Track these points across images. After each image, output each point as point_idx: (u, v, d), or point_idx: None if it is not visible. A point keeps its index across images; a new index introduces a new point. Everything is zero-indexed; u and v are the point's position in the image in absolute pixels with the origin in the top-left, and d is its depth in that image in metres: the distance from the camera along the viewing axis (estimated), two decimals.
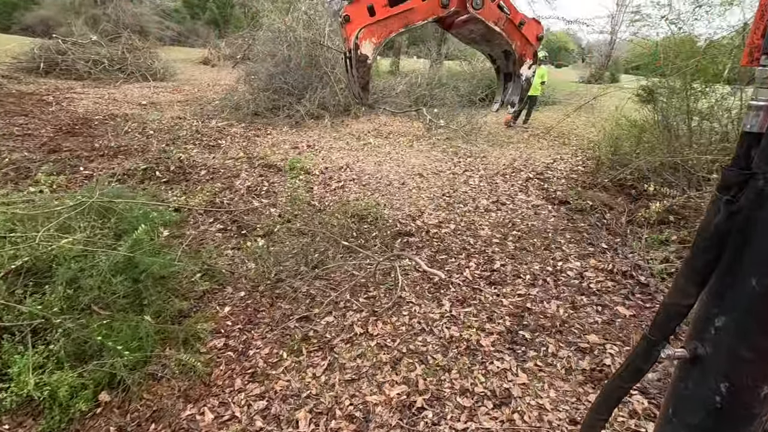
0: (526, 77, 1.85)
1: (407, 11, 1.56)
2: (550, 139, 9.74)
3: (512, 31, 1.72)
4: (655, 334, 0.89)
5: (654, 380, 2.52)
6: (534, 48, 1.79)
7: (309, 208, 4.96)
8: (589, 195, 5.50)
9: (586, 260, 3.94)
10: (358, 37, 1.54)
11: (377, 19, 1.55)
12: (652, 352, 0.90)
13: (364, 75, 1.62)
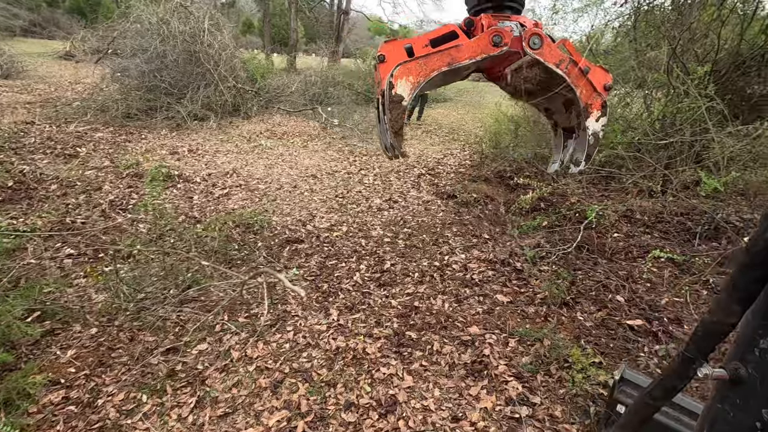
0: (593, 131, 1.50)
1: (452, 48, 1.38)
2: (441, 135, 10.18)
3: (577, 75, 1.45)
4: (693, 352, 0.84)
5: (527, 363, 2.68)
6: (602, 98, 1.49)
7: (185, 221, 4.47)
8: (473, 188, 5.80)
9: (470, 252, 4.12)
10: (393, 75, 1.35)
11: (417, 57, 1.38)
12: (688, 370, 0.85)
13: (397, 118, 1.40)
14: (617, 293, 3.41)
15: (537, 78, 1.50)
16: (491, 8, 1.46)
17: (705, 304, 3.25)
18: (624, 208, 4.90)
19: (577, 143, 1.61)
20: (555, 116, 1.74)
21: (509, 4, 1.46)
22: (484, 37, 1.38)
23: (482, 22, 1.43)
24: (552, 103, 1.66)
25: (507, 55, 1.44)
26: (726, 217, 4.67)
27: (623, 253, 4.08)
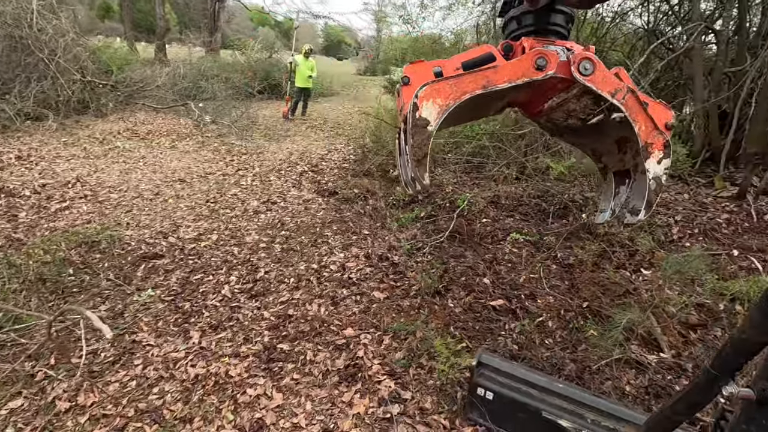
0: (655, 175, 1.24)
1: (489, 69, 1.12)
2: (327, 129, 10.03)
3: (636, 108, 1.18)
4: (717, 368, 0.80)
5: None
6: (665, 137, 1.24)
7: (2, 246, 3.64)
8: (355, 183, 5.77)
9: (349, 250, 4.06)
10: (418, 95, 1.08)
11: (447, 77, 1.12)
12: (712, 387, 0.81)
13: (421, 145, 1.12)
14: (484, 276, 3.64)
15: (585, 111, 1.26)
16: (534, 32, 1.24)
17: (555, 277, 3.64)
18: (491, 195, 5.30)
19: (634, 189, 1.33)
20: (605, 158, 1.46)
21: (554, 29, 1.23)
22: (526, 58, 1.14)
23: (524, 45, 1.21)
24: (602, 143, 1.40)
25: (551, 85, 1.21)
26: (572, 197, 5.32)
27: (490, 237, 4.39)
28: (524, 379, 2.03)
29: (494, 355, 2.27)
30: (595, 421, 1.83)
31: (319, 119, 11.21)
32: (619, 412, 1.86)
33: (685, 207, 5.31)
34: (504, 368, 2.10)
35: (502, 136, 5.95)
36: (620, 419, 1.83)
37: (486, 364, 2.14)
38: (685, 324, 3.02)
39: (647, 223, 4.72)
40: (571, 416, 1.87)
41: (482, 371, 2.12)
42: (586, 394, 1.95)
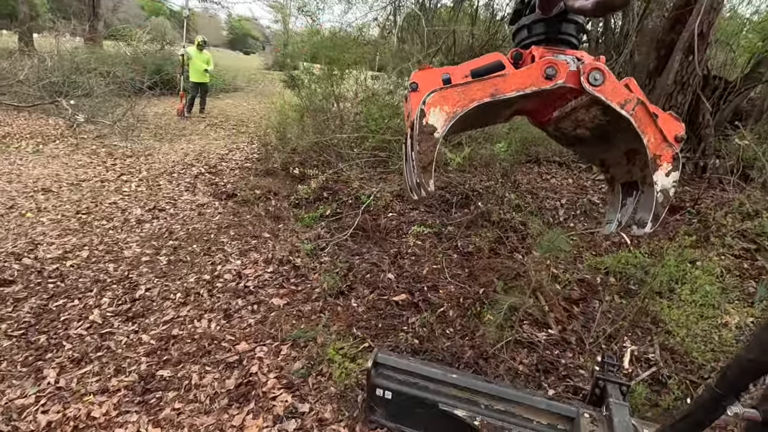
0: (663, 187, 1.20)
1: (497, 77, 1.10)
2: (228, 127, 9.39)
3: (645, 120, 1.14)
4: (722, 388, 0.78)
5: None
6: (674, 150, 1.19)
7: None
8: (257, 183, 5.43)
9: (247, 255, 3.77)
10: (425, 102, 1.07)
11: (455, 84, 1.11)
12: (717, 406, 0.79)
13: (427, 152, 1.09)
14: (388, 271, 3.61)
15: (594, 121, 1.21)
16: (544, 41, 1.20)
17: (456, 266, 3.73)
18: (398, 189, 5.32)
19: (641, 201, 1.31)
20: (612, 169, 1.43)
21: (565, 38, 1.20)
22: (536, 67, 1.12)
23: (533, 53, 1.17)
24: (610, 153, 1.38)
25: (560, 94, 1.18)
26: (472, 187, 5.55)
27: (395, 231, 4.39)
28: (420, 373, 2.01)
29: (391, 353, 2.21)
30: (488, 405, 1.87)
31: (220, 116, 10.46)
32: (509, 394, 1.90)
33: (569, 191, 5.83)
34: (401, 365, 2.05)
35: (405, 129, 6.01)
36: (510, 401, 1.88)
37: (383, 363, 2.07)
38: (569, 299, 3.27)
39: (537, 208, 5.09)
40: (466, 404, 1.90)
41: (380, 371, 2.06)
42: (479, 381, 1.99)
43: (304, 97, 6.67)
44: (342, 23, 8.09)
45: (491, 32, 8.32)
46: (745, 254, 4.01)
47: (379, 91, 6.67)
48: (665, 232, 4.42)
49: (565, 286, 3.37)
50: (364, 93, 6.66)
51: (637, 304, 3.03)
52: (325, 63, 6.98)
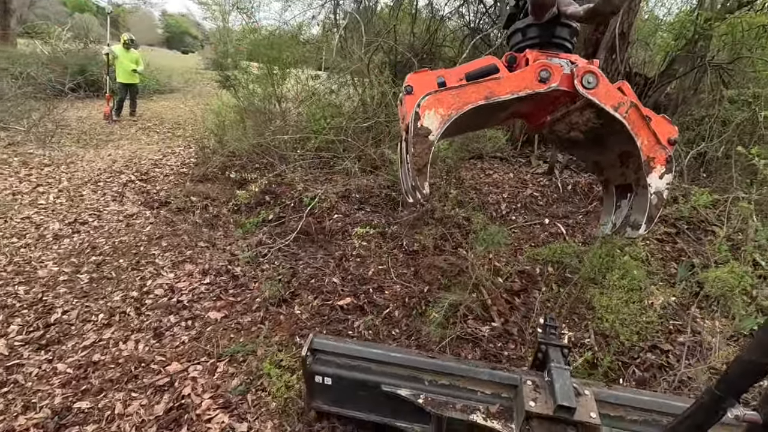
0: (657, 189, 1.19)
1: (492, 80, 1.06)
2: (163, 131, 8.83)
3: (638, 123, 1.13)
4: (723, 390, 0.79)
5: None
6: (667, 152, 1.18)
7: None
8: (194, 189, 5.13)
9: (182, 267, 3.53)
10: (420, 105, 1.05)
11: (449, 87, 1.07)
12: (717, 408, 0.80)
13: (422, 154, 1.06)
14: (333, 275, 3.53)
15: (588, 124, 1.21)
16: (538, 45, 1.21)
17: (402, 266, 3.72)
18: (343, 189, 5.24)
19: (635, 203, 1.31)
20: (606, 172, 1.41)
21: (559, 42, 1.20)
22: (530, 70, 1.11)
23: (527, 57, 1.18)
24: (604, 156, 1.37)
25: (554, 98, 1.18)
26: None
27: (341, 233, 4.31)
28: (361, 355, 1.91)
29: (328, 337, 2.06)
30: (432, 381, 1.82)
31: (153, 119, 9.82)
32: (453, 368, 1.85)
33: (511, 185, 6.03)
34: (340, 349, 1.94)
35: (349, 129, 5.93)
36: (454, 375, 1.84)
37: (320, 349, 1.94)
38: (511, 291, 3.36)
39: (481, 203, 5.22)
40: (409, 383, 1.84)
41: (318, 357, 1.94)
42: (422, 358, 1.91)
43: (242, 98, 6.39)
44: (280, 21, 7.84)
45: (431, 31, 8.43)
46: (667, 238, 4.33)
47: (320, 91, 6.54)
48: (596, 222, 4.68)
49: (507, 278, 3.46)
50: (305, 93, 6.50)
51: (572, 292, 3.16)
52: (264, 62, 6.75)
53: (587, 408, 1.56)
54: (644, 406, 1.69)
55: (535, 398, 1.59)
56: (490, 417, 1.67)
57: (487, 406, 1.71)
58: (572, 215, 4.93)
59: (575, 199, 5.74)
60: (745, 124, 4.87)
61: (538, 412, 1.54)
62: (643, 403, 1.70)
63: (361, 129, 6.13)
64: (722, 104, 5.25)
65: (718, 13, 5.88)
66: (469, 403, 1.73)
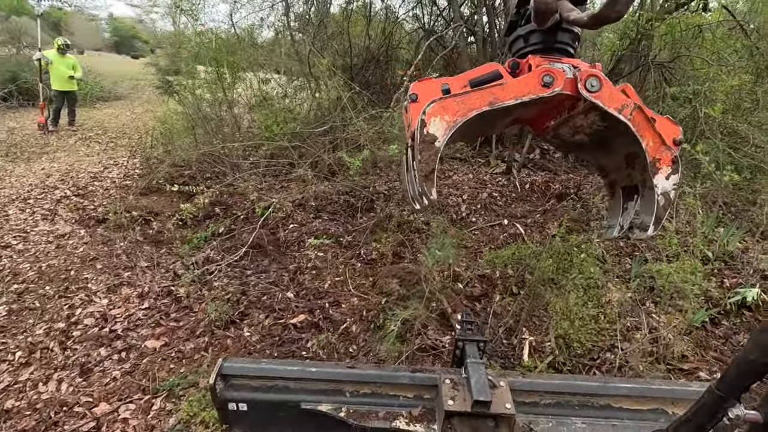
0: (663, 190, 1.21)
1: (496, 86, 1.10)
2: (105, 141, 8.27)
3: (643, 124, 1.14)
4: (723, 390, 0.79)
5: None
6: (672, 153, 1.19)
7: None
8: (137, 204, 4.77)
9: (118, 292, 3.23)
10: (425, 112, 1.09)
11: (454, 94, 1.12)
12: (718, 409, 0.80)
13: (428, 161, 1.09)
14: (287, 290, 3.33)
15: (592, 127, 1.23)
16: (540, 50, 1.22)
17: (360, 276, 3.57)
18: (299, 197, 5.03)
19: (642, 204, 1.30)
20: (612, 174, 1.42)
21: (561, 47, 1.21)
22: (533, 75, 1.13)
23: (530, 62, 1.19)
24: (610, 159, 1.38)
25: (557, 102, 1.21)
26: (377, 189, 5.46)
27: (296, 244, 4.11)
28: (277, 375, 1.75)
29: (239, 359, 1.89)
30: (353, 392, 1.73)
31: (95, 128, 9.20)
32: (373, 376, 1.73)
33: (470, 186, 6.02)
34: (253, 371, 1.77)
35: (304, 134, 5.73)
36: (375, 383, 1.72)
37: (231, 374, 1.75)
38: (471, 297, 3.28)
39: (441, 205, 5.15)
40: (331, 396, 1.73)
41: (230, 383, 1.75)
42: (341, 369, 1.77)
43: (188, 105, 6.05)
44: (228, 24, 7.50)
45: (386, 33, 8.35)
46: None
47: (272, 96, 6.29)
48: (554, 220, 4.72)
49: (467, 284, 3.38)
50: (256, 98, 6.23)
51: (529, 295, 3.12)
52: (213, 66, 6.43)
53: (502, 399, 1.59)
54: (556, 390, 1.73)
55: (454, 396, 1.59)
56: (413, 421, 1.65)
57: (409, 410, 1.67)
58: (530, 214, 4.96)
59: (533, 197, 5.79)
60: (687, 120, 5.06)
61: (456, 410, 1.55)
62: (555, 386, 1.74)
63: (317, 134, 5.94)
64: (665, 101, 5.44)
65: (658, 13, 6.13)
66: (392, 410, 1.68)
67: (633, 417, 1.70)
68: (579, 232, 4.38)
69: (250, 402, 1.73)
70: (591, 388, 1.72)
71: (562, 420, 1.69)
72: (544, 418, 1.69)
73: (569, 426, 1.67)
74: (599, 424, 1.68)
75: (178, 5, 6.68)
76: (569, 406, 1.71)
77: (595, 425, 1.67)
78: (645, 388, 1.76)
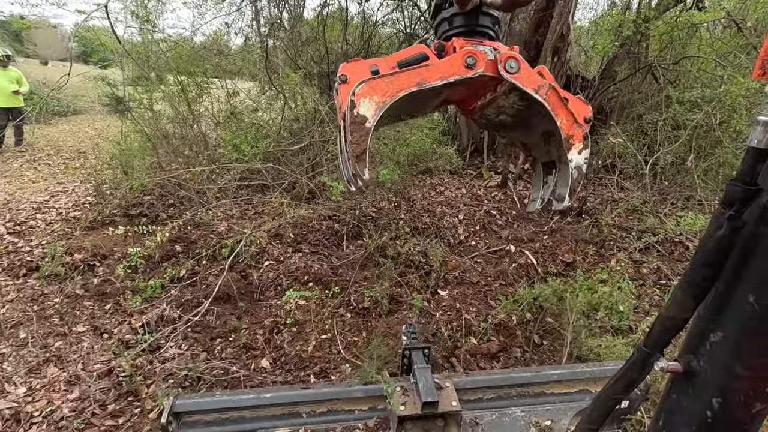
0: (576, 164, 1.28)
1: (422, 68, 1.17)
2: (58, 163, 7.42)
3: (557, 104, 1.24)
4: (649, 346, 0.86)
5: None
6: (584, 130, 1.27)
7: None
8: (81, 243, 4.03)
9: (42, 373, 2.51)
10: (355, 93, 1.12)
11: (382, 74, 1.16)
12: (645, 363, 0.87)
13: (359, 141, 1.12)
14: (262, 356, 2.69)
15: (514, 107, 1.29)
16: (464, 33, 1.25)
17: (351, 330, 2.96)
18: (276, 225, 4.39)
19: (559, 178, 1.35)
20: (533, 151, 1.47)
21: (483, 30, 1.25)
22: (457, 56, 1.16)
23: (454, 45, 1.22)
24: (530, 137, 1.44)
25: (482, 83, 1.24)
26: (364, 211, 4.86)
27: (273, 288, 3.47)
28: (231, 406, 1.73)
29: (191, 396, 1.80)
30: (310, 413, 1.76)
31: (48, 148, 8.32)
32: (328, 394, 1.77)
33: (465, 203, 5.48)
34: (206, 405, 1.73)
35: (278, 154, 5.09)
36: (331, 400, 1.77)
37: (183, 411, 1.70)
38: (488, 355, 2.70)
39: (436, 228, 4.58)
40: (288, 420, 1.75)
41: (183, 421, 1.69)
42: (296, 391, 1.78)
43: (146, 122, 5.32)
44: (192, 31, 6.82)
45: (365, 38, 7.79)
46: (640, 257, 3.94)
47: (242, 110, 5.62)
48: (564, 243, 4.21)
49: (481, 337, 2.81)
50: (224, 113, 5.55)
51: (555, 347, 2.57)
52: (174, 76, 5.73)
53: (449, 398, 1.70)
54: (496, 384, 1.87)
55: (405, 402, 1.68)
56: None
57: (365, 422, 1.75)
58: (537, 237, 4.44)
59: (534, 214, 5.30)
60: (699, 127, 4.65)
61: (407, 413, 1.64)
62: (495, 381, 1.88)
63: (293, 152, 5.31)
64: (672, 106, 5.02)
65: (654, 10, 5.75)
66: (349, 424, 1.74)
67: (563, 399, 1.88)
68: (597, 261, 3.89)
69: None
70: (526, 378, 1.88)
71: (504, 411, 1.84)
72: (488, 412, 1.83)
73: (510, 416, 1.82)
74: (536, 410, 1.83)
75: (133, 11, 5.94)
76: (509, 398, 1.87)
77: (532, 411, 1.83)
78: (571, 372, 1.92)
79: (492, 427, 1.79)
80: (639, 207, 4.64)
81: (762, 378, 0.76)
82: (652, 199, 4.40)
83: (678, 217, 4.10)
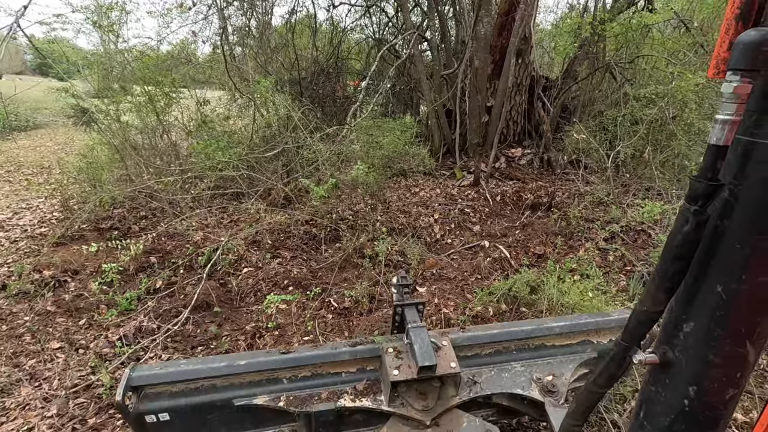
0: None
1: None
2: (19, 179, 7.13)
3: None
4: (627, 340, 0.89)
5: None
6: None
7: None
8: (50, 261, 3.91)
9: (15, 393, 2.44)
10: None
11: None
12: (624, 357, 0.90)
13: None
14: None
15: None
16: None
17: (333, 331, 3.00)
18: (253, 233, 4.37)
19: None
20: None
21: None
22: None
23: None
24: None
25: None
26: (341, 215, 4.90)
27: (253, 294, 3.47)
28: (200, 375, 1.58)
29: (151, 366, 1.63)
30: (291, 378, 1.63)
31: (7, 164, 7.98)
32: (311, 358, 1.63)
33: (440, 203, 5.60)
34: (169, 376, 1.55)
35: (252, 161, 5.08)
36: (314, 364, 1.64)
37: (142, 384, 1.53)
38: None
39: (412, 228, 4.67)
40: (267, 387, 1.60)
41: (143, 393, 1.53)
42: (274, 357, 1.63)
43: (113, 134, 5.20)
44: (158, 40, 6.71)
45: (334, 44, 7.86)
46: (606, 245, 4.14)
47: (213, 119, 5.58)
48: (535, 236, 4.38)
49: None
50: (194, 122, 5.50)
51: None
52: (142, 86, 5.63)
53: (447, 359, 1.60)
54: (495, 339, 1.78)
55: (398, 366, 1.57)
56: (359, 396, 1.61)
57: (354, 386, 1.64)
58: (510, 231, 4.60)
59: (506, 210, 5.47)
60: (655, 121, 4.93)
61: (402, 379, 1.54)
62: (494, 336, 1.79)
63: (267, 159, 5.31)
64: (629, 103, 5.30)
65: (609, 13, 6.05)
66: (335, 388, 1.63)
67: (564, 352, 1.82)
68: (566, 252, 4.06)
69: (171, 410, 1.55)
70: (526, 331, 1.80)
71: (503, 366, 1.75)
72: (486, 369, 1.74)
73: (510, 371, 1.74)
74: (536, 363, 1.76)
75: (95, 21, 5.81)
76: (508, 352, 1.79)
77: (532, 365, 1.75)
78: (573, 323, 1.86)
79: (491, 384, 1.69)
80: (603, 199, 4.88)
81: (733, 365, 0.78)
82: (615, 191, 4.63)
83: (639, 207, 4.34)
